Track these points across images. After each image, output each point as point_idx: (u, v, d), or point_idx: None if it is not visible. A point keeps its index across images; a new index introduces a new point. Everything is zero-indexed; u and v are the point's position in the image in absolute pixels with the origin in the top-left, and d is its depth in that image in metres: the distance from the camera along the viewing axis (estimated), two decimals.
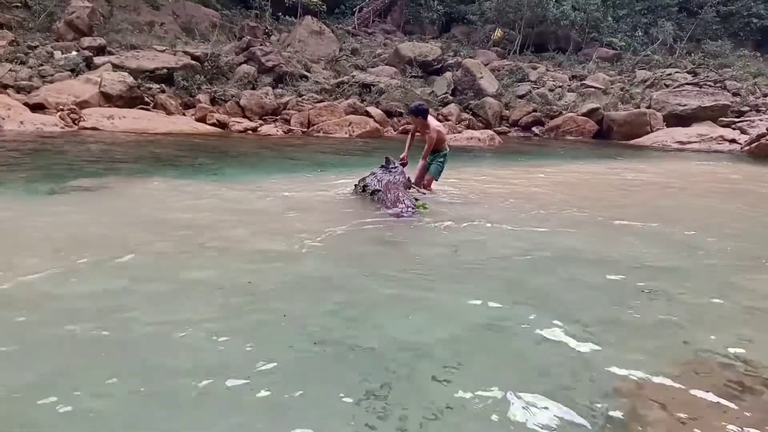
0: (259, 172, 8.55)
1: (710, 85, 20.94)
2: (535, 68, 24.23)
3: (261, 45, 19.69)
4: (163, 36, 20.57)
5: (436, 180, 7.10)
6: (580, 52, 27.88)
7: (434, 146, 6.82)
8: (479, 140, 15.52)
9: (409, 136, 7.13)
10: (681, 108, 19.38)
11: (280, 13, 25.75)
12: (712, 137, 17.21)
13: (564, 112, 20.03)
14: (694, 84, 20.99)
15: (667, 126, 18.75)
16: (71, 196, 6.03)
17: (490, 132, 16.55)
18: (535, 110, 20.11)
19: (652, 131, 18.44)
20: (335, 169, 8.99)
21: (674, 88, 20.82)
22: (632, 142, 17.87)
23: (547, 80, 23.04)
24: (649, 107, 19.77)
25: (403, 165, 6.70)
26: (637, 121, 18.74)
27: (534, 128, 19.56)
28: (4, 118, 11.70)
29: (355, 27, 28.32)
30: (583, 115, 19.44)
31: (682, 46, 27.81)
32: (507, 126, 19.83)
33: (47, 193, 6.07)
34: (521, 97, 21.15)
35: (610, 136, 18.92)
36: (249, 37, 20.45)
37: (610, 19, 28.91)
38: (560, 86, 22.46)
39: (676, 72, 23.15)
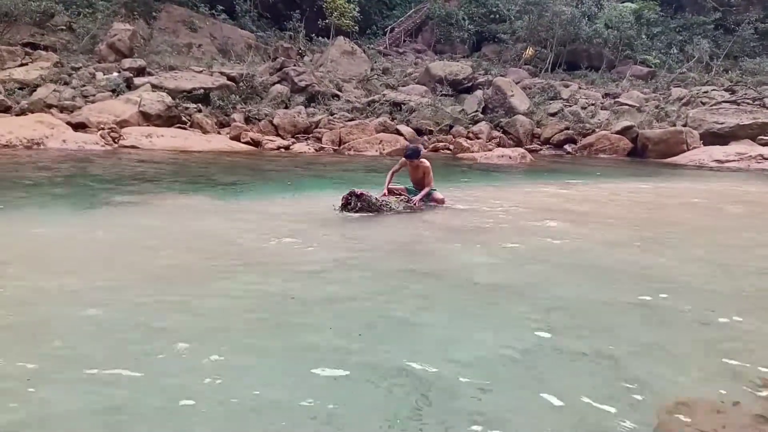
0: (291, 189, 8.68)
1: (749, 103, 20.43)
2: (567, 86, 24.05)
3: (294, 65, 20.09)
4: (201, 57, 21.17)
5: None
6: (614, 70, 27.57)
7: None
8: (510, 158, 15.44)
9: (390, 174, 7.24)
10: (718, 126, 18.95)
11: (314, 34, 26.26)
12: (751, 156, 16.76)
13: (597, 129, 19.80)
14: (731, 102, 20.52)
15: (704, 144, 18.33)
16: (109, 212, 6.24)
17: (521, 150, 16.46)
18: (567, 128, 19.93)
19: (688, 149, 18.05)
20: (364, 186, 9.05)
21: (711, 105, 20.39)
22: (668, 160, 17.53)
23: (580, 98, 22.83)
24: (685, 125, 19.38)
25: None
26: (673, 139, 18.38)
27: (566, 146, 19.36)
28: (47, 137, 12.19)
29: (387, 47, 28.65)
30: (617, 132, 19.17)
31: (719, 64, 27.24)
32: (538, 144, 19.70)
33: (86, 209, 6.29)
34: (553, 114, 20.99)
35: (645, 154, 18.60)
36: (283, 58, 20.90)
37: (644, 36, 28.55)
38: (593, 104, 22.23)
39: (713, 90, 22.67)
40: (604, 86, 25.07)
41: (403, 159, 7.11)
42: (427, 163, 7.10)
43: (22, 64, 16.09)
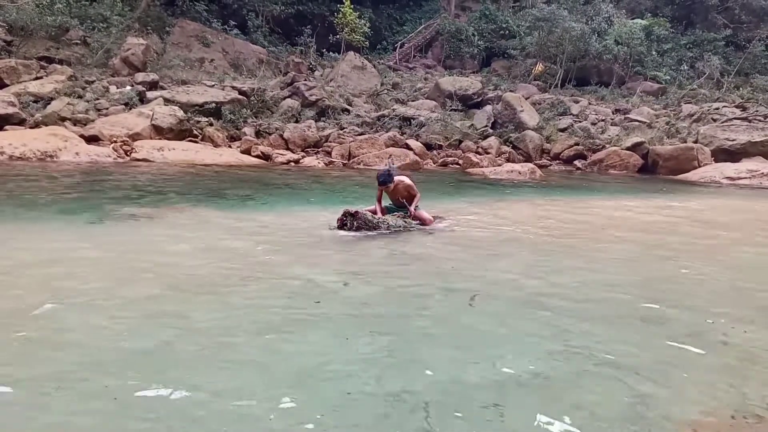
0: (300, 202, 8.71)
1: (760, 120, 20.33)
2: (577, 102, 24.06)
3: (305, 80, 20.28)
4: (213, 72, 21.41)
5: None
6: (624, 86, 27.57)
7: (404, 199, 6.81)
8: (519, 173, 15.40)
9: (378, 202, 6.89)
10: (730, 143, 18.86)
11: (324, 49, 26.53)
12: (763, 173, 16.62)
13: (607, 145, 19.77)
14: (743, 118, 20.42)
15: (715, 161, 18.23)
16: (120, 225, 6.27)
17: (530, 165, 16.42)
18: (577, 143, 19.91)
19: (699, 166, 17.95)
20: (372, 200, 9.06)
21: (722, 122, 20.31)
22: (679, 177, 17.43)
23: (590, 114, 22.83)
24: (696, 142, 19.30)
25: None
26: (683, 156, 18.31)
27: (576, 162, 19.34)
28: (61, 149, 12.32)
29: (397, 62, 28.86)
30: (628, 149, 19.12)
31: (730, 80, 27.16)
32: (548, 159, 19.68)
33: (97, 222, 6.33)
34: (563, 130, 20.99)
35: (655, 170, 18.52)
36: (294, 73, 21.12)
37: (654, 53, 28.56)
38: (603, 120, 22.21)
39: (724, 106, 22.57)
40: (614, 102, 25.06)
41: (379, 188, 6.77)
42: (407, 180, 6.78)
43: (37, 78, 16.33)
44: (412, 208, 6.67)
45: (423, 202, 7.30)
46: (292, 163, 14.93)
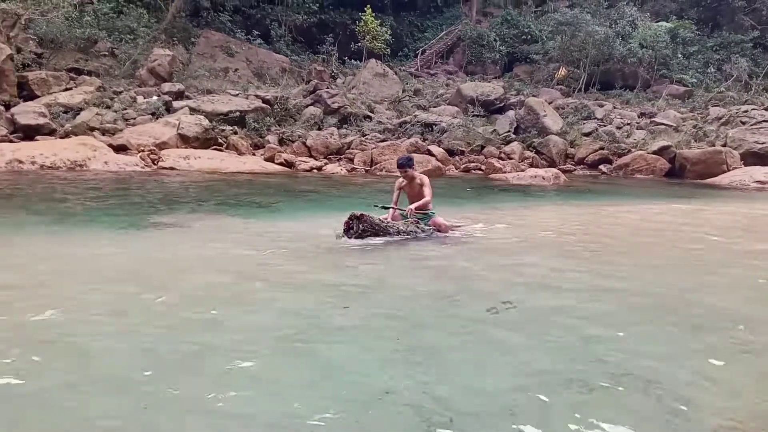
0: (324, 209, 8.75)
1: None
2: (601, 106, 23.79)
3: (327, 88, 20.45)
4: (237, 81, 21.72)
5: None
6: (649, 90, 27.19)
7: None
8: (543, 178, 15.27)
9: (395, 195, 6.72)
10: (759, 146, 18.43)
11: (346, 57, 26.74)
12: None
13: (633, 149, 19.48)
14: None
15: (745, 165, 17.83)
16: (148, 233, 6.38)
17: (554, 170, 16.27)
18: (602, 148, 19.68)
19: (728, 170, 17.56)
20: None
21: (751, 125, 19.87)
22: (707, 181, 17.08)
23: (615, 118, 22.55)
24: (724, 145, 18.92)
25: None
26: (712, 160, 17.94)
27: (601, 166, 19.10)
28: (90, 159, 12.61)
29: (418, 69, 28.92)
30: (654, 153, 18.82)
31: (758, 83, 26.57)
32: (572, 164, 19.48)
33: (124, 229, 6.46)
34: (587, 134, 20.77)
35: (683, 174, 18.18)
36: (316, 81, 21.31)
37: (679, 55, 28.11)
38: (628, 124, 21.92)
39: (753, 109, 22.08)
40: (639, 106, 24.72)
41: (399, 180, 6.65)
42: (425, 178, 6.58)
43: (66, 89, 16.77)
44: (412, 207, 6.33)
45: (444, 208, 7.25)
46: (315, 170, 15.04)
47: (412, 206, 6.35)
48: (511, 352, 3.13)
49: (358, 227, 5.87)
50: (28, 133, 14.01)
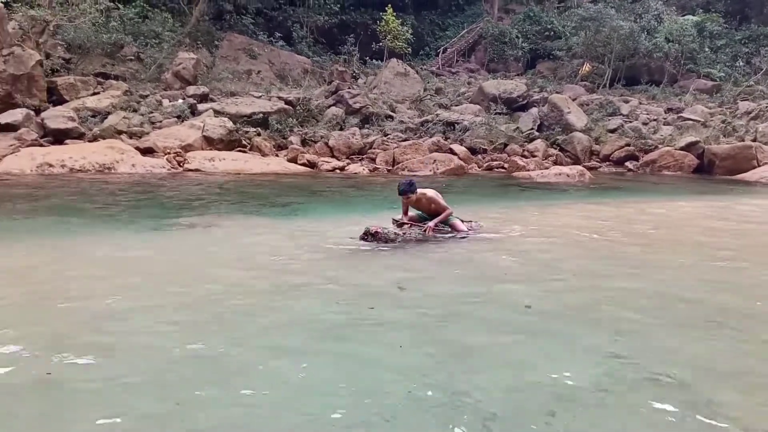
0: (347, 209, 8.78)
1: None
2: (626, 101, 23.39)
3: (349, 88, 20.48)
4: (260, 83, 21.87)
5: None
6: (676, 84, 26.64)
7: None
8: (568, 176, 15.08)
9: (404, 214, 6.49)
10: None
11: (367, 57, 26.73)
12: None
13: (660, 146, 19.11)
14: None
15: None
16: (174, 233, 6.49)
17: (579, 167, 16.07)
18: (628, 144, 19.34)
19: (759, 165, 17.13)
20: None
21: None
22: (737, 177, 16.69)
23: (641, 113, 22.15)
24: (754, 140, 18.45)
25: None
26: (741, 155, 17.51)
27: (627, 163, 18.78)
28: (118, 161, 12.83)
29: (439, 67, 28.78)
30: (682, 149, 18.45)
31: None
32: (597, 161, 19.19)
33: (152, 230, 6.57)
34: (612, 131, 20.43)
35: (712, 170, 17.78)
36: (338, 81, 21.36)
37: (707, 49, 27.48)
38: (655, 119, 21.52)
39: None
40: (665, 101, 24.25)
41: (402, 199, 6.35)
42: (430, 193, 6.36)
43: (94, 93, 17.07)
44: (432, 224, 6.20)
45: (466, 207, 7.19)
46: (338, 171, 15.08)
47: (431, 223, 6.22)
48: (543, 352, 3.09)
49: (372, 242, 5.84)
50: (58, 137, 14.30)
